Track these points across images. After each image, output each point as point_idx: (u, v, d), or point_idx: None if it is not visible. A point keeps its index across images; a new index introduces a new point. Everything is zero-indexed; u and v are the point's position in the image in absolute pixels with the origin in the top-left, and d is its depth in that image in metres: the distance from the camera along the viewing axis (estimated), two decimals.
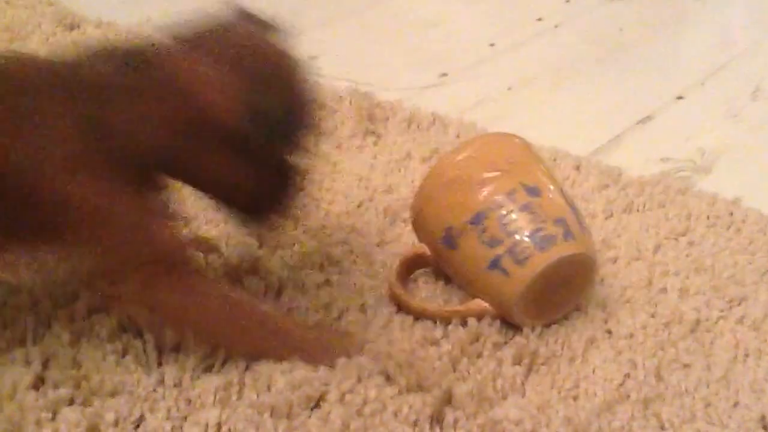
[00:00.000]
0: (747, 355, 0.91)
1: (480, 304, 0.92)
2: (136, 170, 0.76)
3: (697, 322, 0.95)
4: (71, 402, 0.79)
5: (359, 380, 0.83)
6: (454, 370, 0.87)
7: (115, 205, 0.76)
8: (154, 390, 0.81)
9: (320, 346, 0.86)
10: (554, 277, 0.90)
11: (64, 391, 0.79)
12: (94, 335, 0.86)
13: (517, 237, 0.89)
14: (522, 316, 0.91)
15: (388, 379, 0.84)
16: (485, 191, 0.92)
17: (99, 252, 0.77)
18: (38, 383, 0.81)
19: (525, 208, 0.90)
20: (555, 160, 1.23)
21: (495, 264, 0.90)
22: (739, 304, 0.98)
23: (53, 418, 0.77)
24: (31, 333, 0.86)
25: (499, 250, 0.90)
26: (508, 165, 0.94)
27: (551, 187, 0.94)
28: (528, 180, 0.92)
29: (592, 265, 0.93)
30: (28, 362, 0.82)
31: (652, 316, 0.95)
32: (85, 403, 0.79)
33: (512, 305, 0.90)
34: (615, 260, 1.04)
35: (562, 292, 0.92)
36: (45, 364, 0.82)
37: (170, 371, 0.82)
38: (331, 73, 1.01)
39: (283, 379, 0.83)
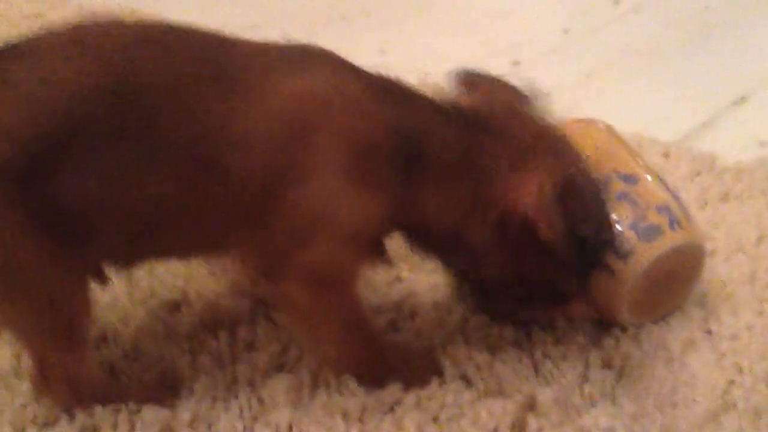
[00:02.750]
0: None
1: (577, 306, 0.86)
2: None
3: None
4: None
5: (440, 385, 0.80)
6: (537, 374, 0.81)
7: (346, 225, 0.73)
8: (228, 389, 0.80)
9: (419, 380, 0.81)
10: (662, 271, 0.83)
11: None
12: (171, 333, 0.86)
13: (618, 228, 0.83)
14: (629, 316, 0.84)
15: (468, 382, 0.80)
16: None
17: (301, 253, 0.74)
18: None
19: (622, 197, 0.84)
20: (640, 147, 1.14)
21: None
22: None
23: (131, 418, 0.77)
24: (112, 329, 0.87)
25: None
26: (597, 152, 0.87)
27: (647, 174, 0.87)
28: (621, 167, 0.87)
29: (701, 257, 0.86)
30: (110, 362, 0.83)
31: (759, 314, 0.87)
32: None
33: (619, 305, 0.83)
34: (713, 253, 0.95)
35: (669, 287, 0.85)
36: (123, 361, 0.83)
37: (243, 369, 0.82)
38: (404, 67, 0.99)
39: (355, 381, 0.80)
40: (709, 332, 0.86)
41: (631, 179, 0.85)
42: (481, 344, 0.84)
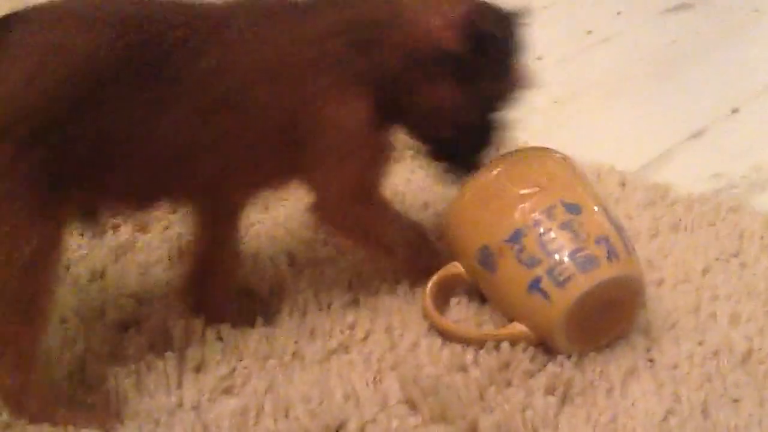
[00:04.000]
0: None
1: (518, 328, 0.87)
2: (375, 107, 0.84)
3: (749, 352, 0.88)
4: None
5: (382, 408, 0.80)
6: (482, 399, 0.82)
7: (363, 134, 0.85)
8: (172, 413, 0.80)
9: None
10: (598, 301, 0.84)
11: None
12: (120, 354, 0.86)
13: (557, 257, 0.84)
14: (564, 342, 0.85)
15: (413, 407, 0.81)
16: (523, 208, 0.87)
17: (328, 178, 0.86)
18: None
19: (565, 226, 0.85)
20: (599, 176, 1.16)
21: (534, 286, 0.85)
22: None
23: None
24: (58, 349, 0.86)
25: (539, 271, 0.85)
26: (547, 181, 0.89)
27: (593, 204, 0.89)
28: (568, 196, 0.88)
29: (639, 289, 0.87)
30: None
31: (700, 344, 0.88)
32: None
33: (553, 330, 0.85)
34: (660, 283, 0.97)
35: (607, 316, 0.86)
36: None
37: (189, 392, 0.82)
38: None
39: (302, 406, 0.81)
40: (651, 361, 0.86)
41: (575, 209, 0.86)
42: (430, 368, 0.84)
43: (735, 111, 1.39)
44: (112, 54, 0.74)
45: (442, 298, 0.93)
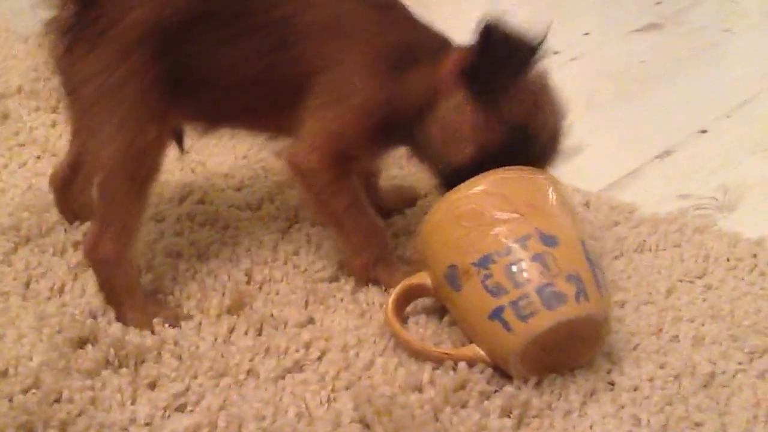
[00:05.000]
0: None
1: (475, 350, 0.86)
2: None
3: (712, 375, 0.86)
4: None
5: (335, 428, 0.80)
6: (437, 420, 0.80)
7: (367, 110, 0.95)
8: (126, 429, 0.80)
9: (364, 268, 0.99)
10: (560, 336, 0.82)
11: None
12: (76, 369, 0.86)
13: (524, 290, 0.82)
14: (520, 370, 0.84)
15: (366, 427, 0.80)
16: (496, 233, 0.85)
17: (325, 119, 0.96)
18: None
19: (537, 258, 0.83)
20: None
21: (496, 314, 0.83)
22: (762, 357, 0.89)
23: None
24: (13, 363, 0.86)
25: (503, 301, 0.82)
26: (527, 207, 0.86)
27: (572, 237, 0.85)
28: (546, 227, 0.85)
29: (604, 326, 0.85)
30: (9, 395, 0.83)
31: (661, 367, 0.87)
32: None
33: (510, 360, 0.83)
34: (623, 304, 0.96)
35: (568, 350, 0.84)
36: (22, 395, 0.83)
37: (143, 408, 0.82)
38: None
39: (255, 423, 0.80)
40: (612, 384, 0.85)
41: (551, 241, 0.84)
42: (385, 388, 0.83)
43: (703, 131, 1.38)
44: None
45: (405, 306, 0.93)
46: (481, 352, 0.85)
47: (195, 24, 0.93)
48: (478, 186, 0.88)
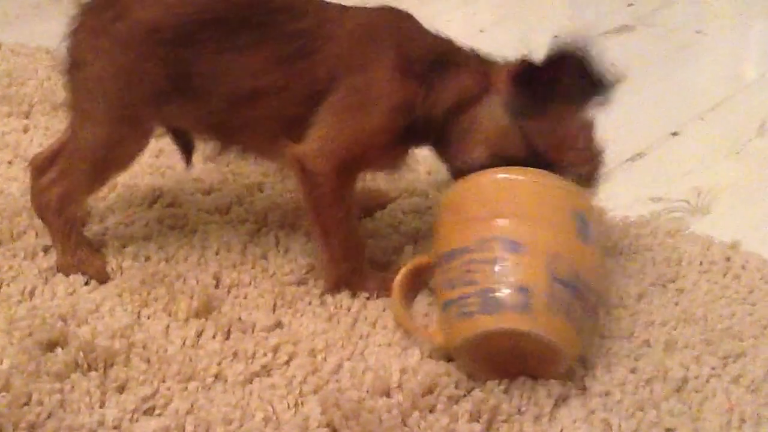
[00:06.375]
0: (743, 421, 0.82)
1: (436, 335, 0.87)
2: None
3: (685, 380, 0.86)
4: None
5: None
6: (405, 425, 0.80)
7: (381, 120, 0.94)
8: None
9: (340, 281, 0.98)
10: (504, 344, 0.82)
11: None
12: (45, 372, 0.86)
13: (469, 290, 0.82)
14: (467, 364, 0.85)
15: (334, 431, 0.80)
16: (465, 231, 0.85)
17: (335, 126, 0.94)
18: None
19: (493, 261, 0.82)
20: None
21: (446, 307, 0.84)
22: (735, 362, 0.89)
23: None
24: None
25: (453, 296, 0.83)
26: (508, 209, 0.85)
27: (540, 249, 0.82)
28: (514, 233, 0.83)
29: (554, 349, 0.81)
30: None
31: (633, 371, 0.87)
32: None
33: (453, 353, 0.85)
34: None
35: (525, 360, 0.83)
36: None
37: (111, 411, 0.81)
38: None
39: (222, 427, 0.80)
40: (583, 388, 0.85)
41: (515, 247, 0.82)
42: (352, 392, 0.83)
43: (675, 134, 1.39)
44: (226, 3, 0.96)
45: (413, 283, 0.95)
46: (440, 339, 0.87)
47: (202, 32, 0.94)
48: (472, 182, 0.88)
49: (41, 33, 1.59)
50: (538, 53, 0.89)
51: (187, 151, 1.07)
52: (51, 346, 0.89)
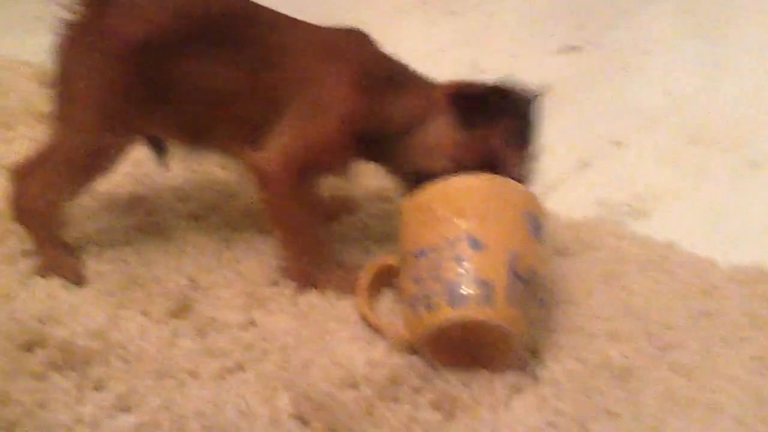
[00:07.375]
0: (678, 404, 0.88)
1: (399, 331, 0.92)
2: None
3: (627, 368, 0.92)
4: None
5: (273, 423, 0.83)
6: (370, 415, 0.84)
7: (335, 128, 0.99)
8: (71, 429, 0.82)
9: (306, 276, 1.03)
10: (465, 334, 0.87)
11: None
12: (23, 371, 0.87)
13: (436, 285, 0.87)
14: (429, 357, 0.90)
15: (304, 422, 0.83)
16: (434, 231, 0.90)
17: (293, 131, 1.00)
18: None
19: (458, 258, 0.88)
20: None
21: (412, 302, 0.89)
22: (673, 350, 0.95)
23: None
24: None
25: (421, 291, 0.88)
26: (471, 210, 0.91)
27: (500, 247, 0.89)
28: (477, 232, 0.89)
29: (510, 339, 0.88)
30: None
31: (580, 361, 0.92)
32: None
33: (418, 345, 0.89)
34: (548, 305, 1.00)
35: (482, 351, 0.89)
36: None
37: (88, 410, 0.83)
38: None
39: (196, 422, 0.82)
40: (536, 378, 0.90)
41: (478, 246, 0.88)
42: (322, 385, 0.86)
43: (618, 144, 1.44)
44: (206, 12, 1.01)
45: (378, 284, 1.00)
46: (404, 334, 0.91)
47: (181, 44, 0.99)
48: (440, 185, 0.93)
49: (24, 47, 1.61)
50: (489, 72, 0.94)
51: (161, 153, 1.11)
52: (30, 346, 0.91)
